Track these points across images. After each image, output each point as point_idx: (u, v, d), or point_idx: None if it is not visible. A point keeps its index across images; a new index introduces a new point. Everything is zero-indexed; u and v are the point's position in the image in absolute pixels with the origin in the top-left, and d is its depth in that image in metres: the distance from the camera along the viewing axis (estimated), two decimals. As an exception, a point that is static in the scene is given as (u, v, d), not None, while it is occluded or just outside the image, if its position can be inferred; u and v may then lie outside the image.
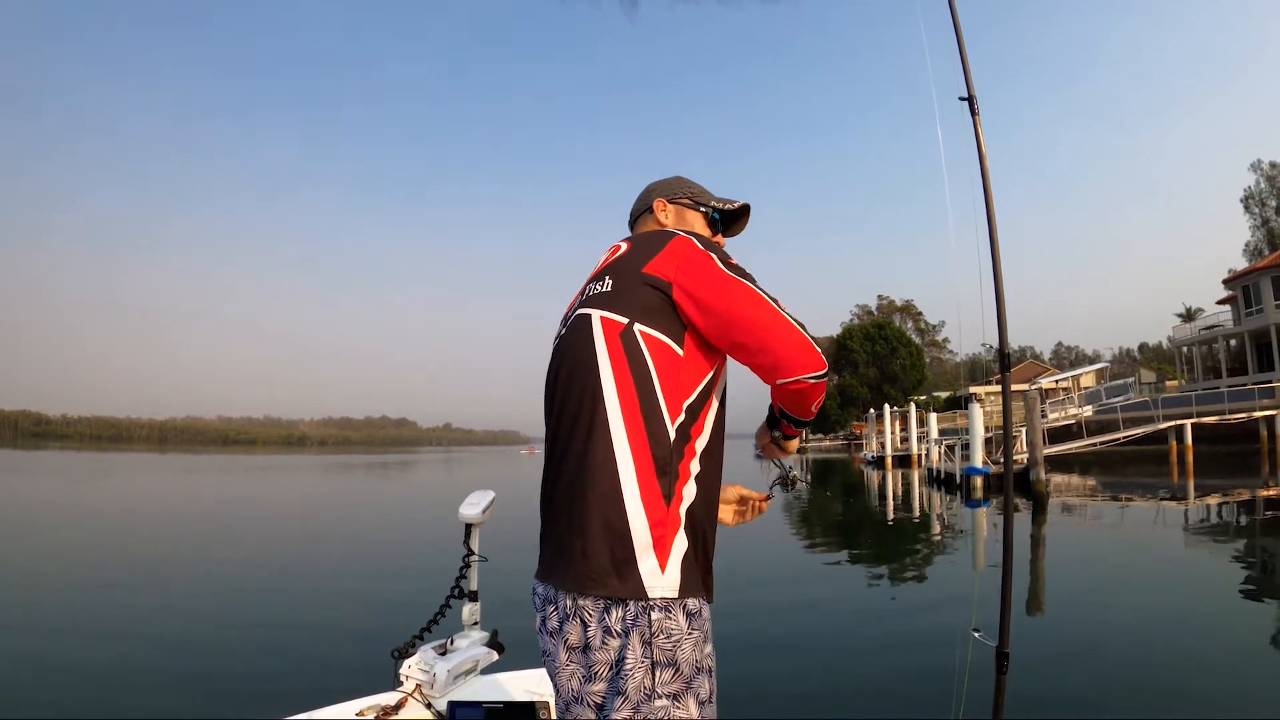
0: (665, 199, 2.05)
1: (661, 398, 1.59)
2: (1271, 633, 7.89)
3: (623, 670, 1.48)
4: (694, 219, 2.04)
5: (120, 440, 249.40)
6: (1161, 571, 11.48)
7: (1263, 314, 46.39)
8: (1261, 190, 68.67)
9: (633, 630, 1.49)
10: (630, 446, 1.56)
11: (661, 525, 1.53)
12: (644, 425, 1.57)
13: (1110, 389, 45.82)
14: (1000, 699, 2.68)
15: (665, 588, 1.51)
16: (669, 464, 1.57)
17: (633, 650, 1.48)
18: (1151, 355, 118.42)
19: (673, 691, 1.49)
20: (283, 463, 73.22)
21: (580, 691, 1.54)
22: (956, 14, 3.02)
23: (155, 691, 6.09)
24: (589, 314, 1.71)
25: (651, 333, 1.63)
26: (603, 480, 1.55)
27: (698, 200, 2.06)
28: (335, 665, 6.70)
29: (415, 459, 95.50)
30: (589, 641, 1.52)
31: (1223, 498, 20.47)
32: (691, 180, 2.13)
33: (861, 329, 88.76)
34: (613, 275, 1.74)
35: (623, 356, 1.62)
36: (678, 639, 1.51)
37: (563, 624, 1.58)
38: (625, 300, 1.67)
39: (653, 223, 2.04)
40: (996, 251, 2.85)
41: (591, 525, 1.54)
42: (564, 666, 1.57)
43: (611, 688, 1.50)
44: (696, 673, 1.53)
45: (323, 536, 15.94)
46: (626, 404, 1.59)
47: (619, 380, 1.61)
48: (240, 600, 9.27)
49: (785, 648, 7.58)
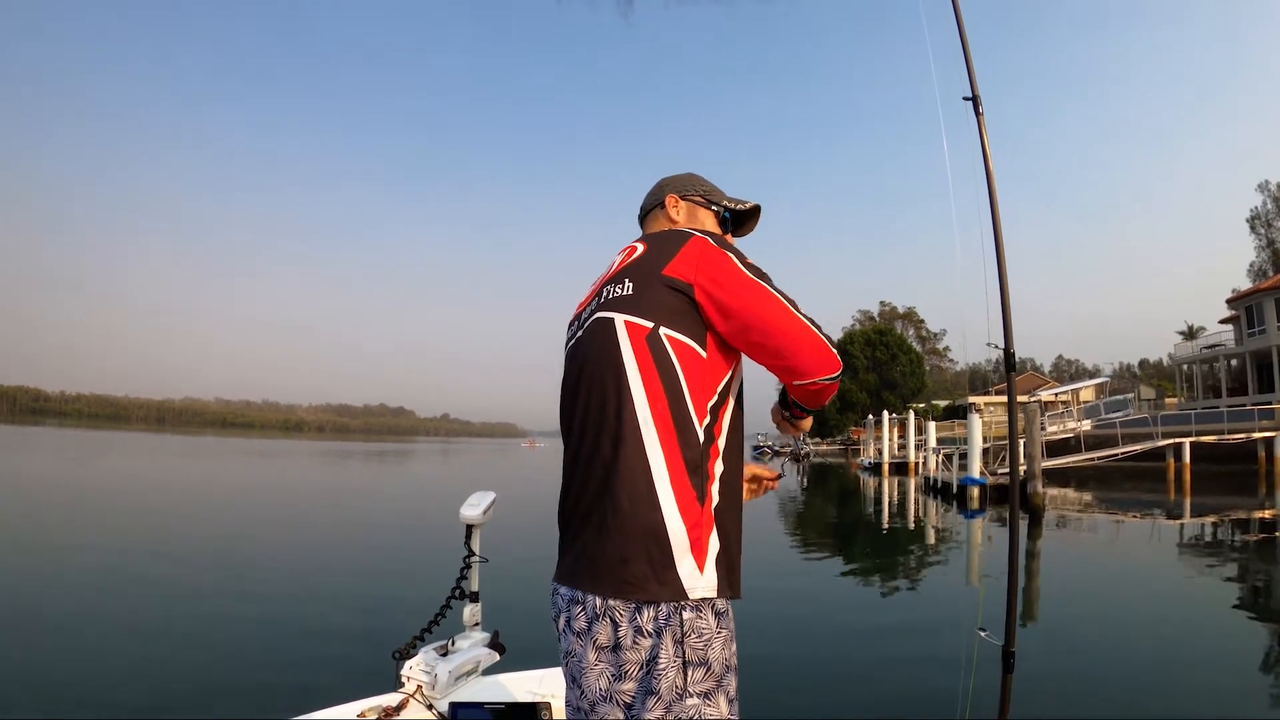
0: (678, 195, 2.03)
1: (690, 401, 1.59)
2: (1259, 652, 7.91)
3: (655, 670, 1.49)
4: (705, 217, 2.03)
5: (118, 420, 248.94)
6: (1153, 587, 11.51)
7: (1265, 335, 46.39)
8: (1268, 211, 68.60)
9: (665, 630, 1.50)
10: (663, 451, 1.56)
11: (698, 527, 1.54)
12: (675, 429, 1.57)
13: (1110, 404, 45.71)
14: (1006, 698, 2.68)
15: (705, 588, 1.52)
16: (700, 465, 1.58)
17: (665, 650, 1.49)
18: (1152, 372, 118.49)
19: (704, 690, 1.50)
20: (279, 448, 73.13)
21: (610, 690, 1.54)
22: (960, 13, 3.01)
23: (155, 691, 6.06)
24: (611, 318, 1.69)
25: (677, 336, 1.62)
26: (637, 485, 1.55)
27: (710, 198, 2.05)
28: (336, 666, 6.69)
29: (413, 449, 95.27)
30: (619, 641, 1.52)
31: (1219, 517, 20.45)
32: (704, 178, 2.11)
33: (863, 334, 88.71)
34: (633, 277, 1.72)
35: (650, 361, 1.61)
36: (709, 638, 1.52)
37: (591, 624, 1.57)
38: (649, 303, 1.66)
39: (663, 219, 2.02)
40: (1000, 248, 2.83)
41: (628, 531, 1.54)
42: (592, 666, 1.57)
43: (642, 687, 1.51)
44: (726, 671, 1.55)
45: (323, 536, 15.82)
46: (656, 408, 1.58)
47: (648, 385, 1.60)
48: (240, 600, 9.20)
49: (789, 647, 7.64)
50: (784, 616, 8.85)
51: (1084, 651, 7.56)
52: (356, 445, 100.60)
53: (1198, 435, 35.12)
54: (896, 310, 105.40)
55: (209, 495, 23.77)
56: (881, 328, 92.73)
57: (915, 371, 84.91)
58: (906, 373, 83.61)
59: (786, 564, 13.02)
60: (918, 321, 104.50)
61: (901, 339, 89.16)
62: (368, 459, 57.86)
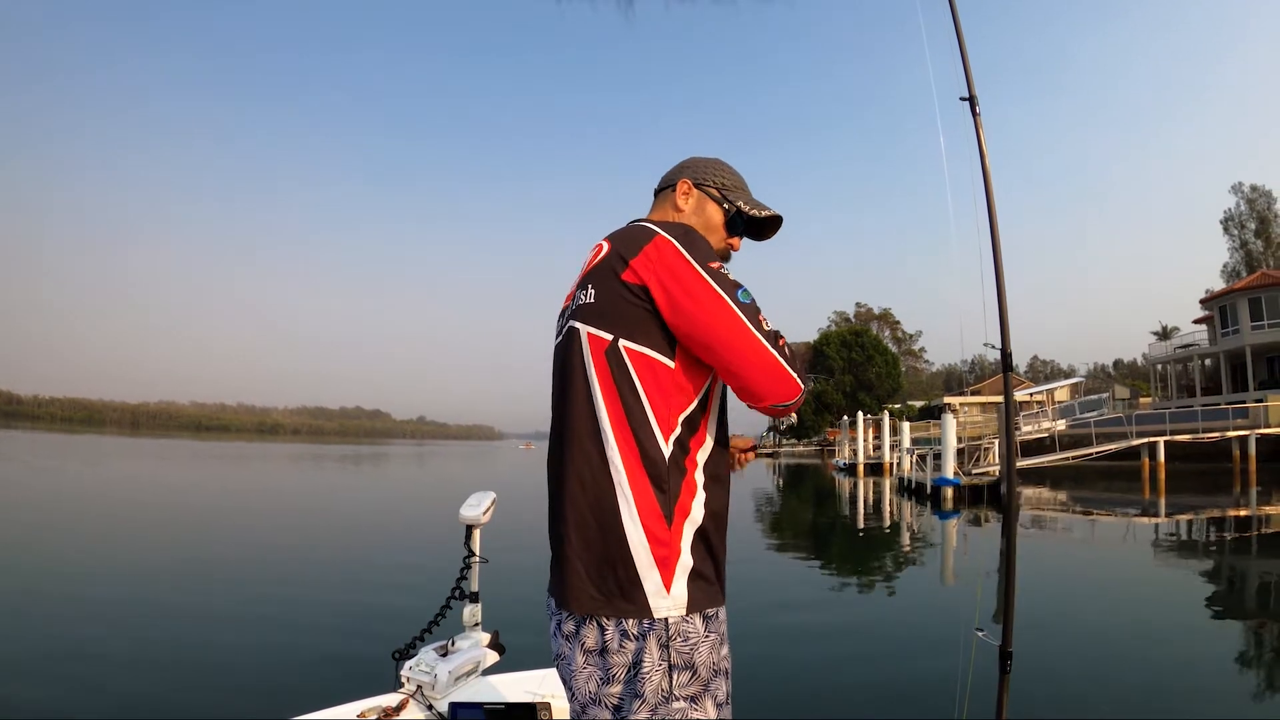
0: (692, 181, 1.90)
1: (651, 416, 1.57)
2: (1238, 651, 7.99)
3: (640, 673, 1.49)
4: (713, 212, 1.90)
5: (92, 423, 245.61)
6: (1127, 586, 11.57)
7: (1239, 335, 46.86)
8: (1241, 213, 69.46)
9: (650, 634, 1.50)
10: (625, 467, 1.55)
11: (664, 545, 1.53)
12: (636, 445, 1.55)
13: (1084, 404, 46.05)
14: (1003, 698, 2.70)
15: (669, 608, 1.51)
16: (666, 481, 1.55)
17: (650, 653, 1.49)
18: (1126, 372, 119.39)
19: (690, 694, 1.50)
20: (256, 451, 72.47)
21: (598, 693, 1.55)
22: (957, 13, 3.02)
23: (155, 691, 6.03)
24: (577, 328, 1.67)
25: (637, 348, 1.58)
26: (603, 502, 1.56)
27: (725, 194, 1.91)
28: (336, 666, 6.66)
29: (387, 451, 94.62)
30: (606, 645, 1.53)
31: (1194, 515, 20.66)
32: (731, 170, 1.97)
33: (838, 335, 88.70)
34: (595, 283, 1.66)
35: (609, 375, 1.59)
36: (695, 642, 1.52)
37: (579, 628, 1.58)
38: (609, 314, 1.61)
39: (669, 203, 1.91)
40: (997, 248, 2.83)
41: (594, 550, 1.56)
42: (581, 669, 1.58)
43: (629, 689, 1.52)
44: (714, 675, 1.54)
45: (322, 536, 15.69)
46: (617, 423, 1.57)
47: (608, 400, 1.58)
48: (240, 600, 9.15)
49: (786, 648, 7.66)
50: (776, 618, 8.84)
51: (1070, 649, 7.60)
52: (332, 447, 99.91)
53: (1172, 434, 35.52)
54: (872, 311, 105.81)
55: (203, 498, 23.56)
56: (858, 329, 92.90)
57: (891, 373, 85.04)
58: (882, 374, 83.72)
59: (769, 565, 13.05)
60: (893, 323, 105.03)
61: (877, 340, 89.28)
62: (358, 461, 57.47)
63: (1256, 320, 46.08)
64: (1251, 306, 46.44)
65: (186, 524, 16.77)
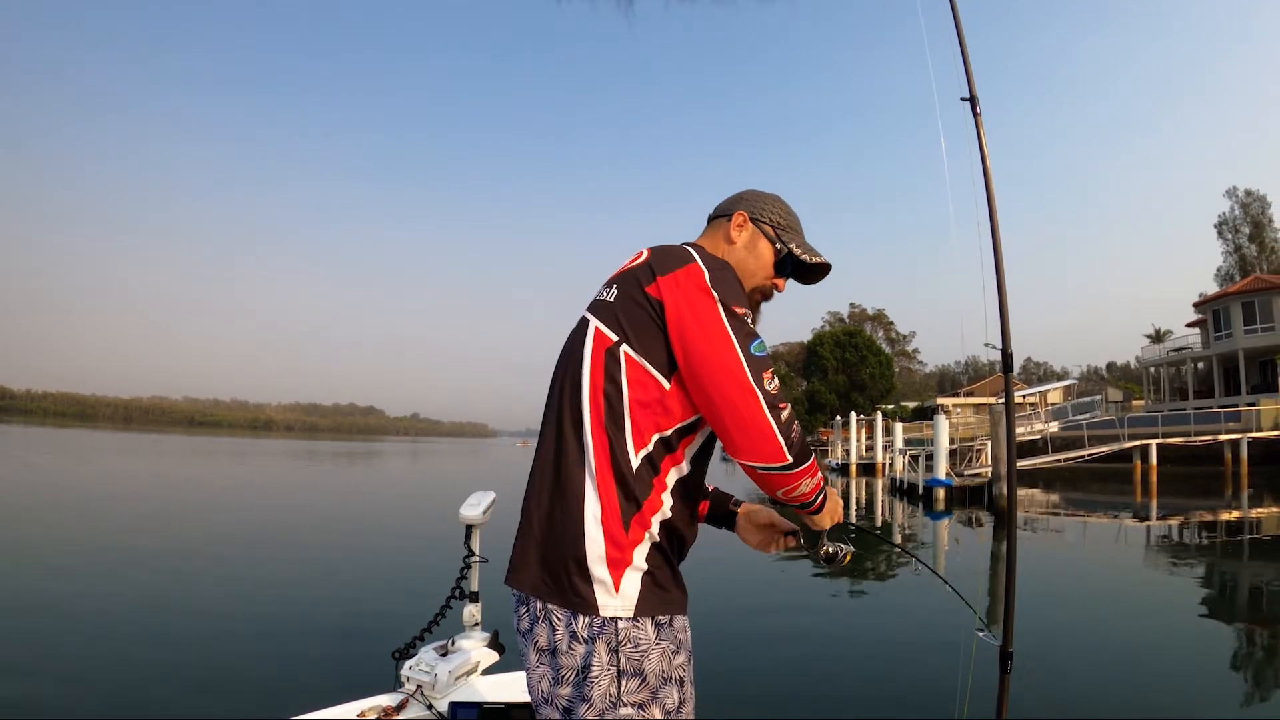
0: (749, 215, 1.89)
1: (629, 424, 1.57)
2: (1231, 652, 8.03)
3: (589, 677, 1.50)
4: (765, 250, 1.89)
5: (85, 418, 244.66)
6: (1119, 588, 11.60)
7: (1231, 338, 47.10)
8: (1235, 217, 69.58)
9: (599, 637, 1.50)
10: (596, 465, 1.56)
11: (619, 548, 1.53)
12: (609, 448, 1.56)
13: (1077, 406, 46.27)
14: (1004, 699, 2.71)
15: (617, 608, 1.51)
16: (633, 490, 1.55)
17: (599, 657, 1.50)
18: (1119, 374, 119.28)
19: (638, 701, 1.50)
20: (250, 447, 72.25)
21: (549, 693, 1.57)
22: (958, 13, 3.01)
23: (155, 691, 6.00)
24: (590, 321, 1.69)
25: (637, 357, 1.58)
26: (569, 491, 1.57)
27: (780, 233, 1.90)
28: (336, 666, 6.64)
29: (381, 449, 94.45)
30: (556, 645, 1.54)
31: (1185, 518, 20.72)
32: (789, 209, 1.96)
33: (832, 336, 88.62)
34: (620, 285, 1.68)
35: (603, 373, 1.60)
36: (645, 649, 1.52)
37: (533, 626, 1.60)
38: (621, 316, 1.62)
39: (721, 233, 1.89)
40: (999, 249, 2.81)
41: (556, 534, 1.57)
42: (534, 668, 1.60)
43: (577, 693, 1.53)
44: (664, 683, 1.54)
45: (322, 536, 15.59)
46: (597, 421, 1.58)
47: (594, 396, 1.60)
48: (239, 599, 9.10)
49: (785, 648, 7.69)
50: (775, 620, 8.89)
51: (1069, 650, 7.63)
52: (325, 444, 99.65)
53: (1164, 437, 35.46)
54: (866, 312, 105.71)
55: (200, 495, 23.43)
56: (851, 329, 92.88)
57: (884, 373, 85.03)
58: (875, 374, 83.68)
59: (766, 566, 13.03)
60: (887, 323, 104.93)
61: (871, 340, 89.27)
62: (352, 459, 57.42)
63: (1249, 324, 46.39)
64: (1245, 310, 46.75)
65: (183, 521, 16.65)
